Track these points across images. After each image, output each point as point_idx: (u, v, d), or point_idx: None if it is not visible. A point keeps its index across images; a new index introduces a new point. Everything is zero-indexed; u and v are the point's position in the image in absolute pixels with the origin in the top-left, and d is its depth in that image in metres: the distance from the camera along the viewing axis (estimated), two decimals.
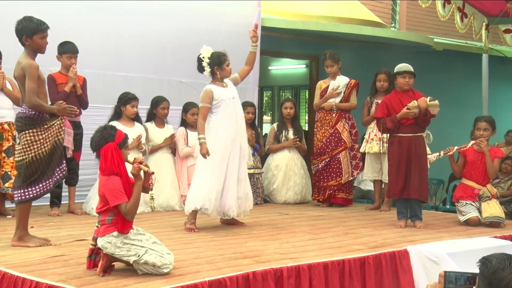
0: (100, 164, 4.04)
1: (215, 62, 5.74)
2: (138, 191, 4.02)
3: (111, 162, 3.99)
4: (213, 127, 5.71)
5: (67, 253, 4.56)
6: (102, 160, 4.01)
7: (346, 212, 7.15)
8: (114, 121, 6.74)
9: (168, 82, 8.20)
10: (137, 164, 4.04)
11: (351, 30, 9.94)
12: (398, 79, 6.24)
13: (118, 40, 7.84)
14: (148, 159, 7.14)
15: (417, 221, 6.15)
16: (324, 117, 7.62)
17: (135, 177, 4.04)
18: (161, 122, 7.37)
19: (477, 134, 6.40)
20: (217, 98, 5.72)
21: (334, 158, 7.54)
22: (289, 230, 5.81)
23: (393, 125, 6.11)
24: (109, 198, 3.95)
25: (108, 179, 3.99)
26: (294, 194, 7.93)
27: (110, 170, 3.99)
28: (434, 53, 11.74)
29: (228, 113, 5.73)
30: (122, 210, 3.95)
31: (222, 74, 5.78)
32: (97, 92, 7.37)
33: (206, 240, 5.25)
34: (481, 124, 6.40)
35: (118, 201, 3.94)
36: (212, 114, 5.73)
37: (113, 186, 3.95)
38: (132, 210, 3.98)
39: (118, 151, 4.03)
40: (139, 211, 6.44)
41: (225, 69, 5.77)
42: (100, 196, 4.05)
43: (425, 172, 6.15)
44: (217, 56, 5.75)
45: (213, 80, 5.82)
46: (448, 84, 12.44)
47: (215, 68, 5.75)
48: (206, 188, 5.63)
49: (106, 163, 3.99)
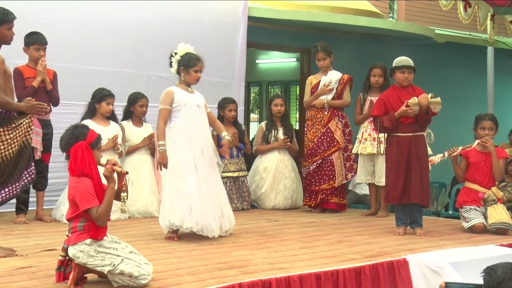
0: (69, 164, 4.02)
1: (184, 63, 5.70)
2: (110, 194, 4.01)
3: (82, 162, 3.97)
4: (172, 135, 5.64)
5: (34, 264, 4.53)
6: (71, 159, 4.00)
7: (340, 219, 7.16)
8: (87, 120, 6.72)
9: (146, 77, 8.18)
10: (109, 165, 4.03)
11: (346, 21, 9.95)
12: (397, 74, 6.25)
13: (91, 30, 7.80)
14: (125, 161, 7.11)
15: (417, 228, 6.16)
16: (315, 115, 7.63)
17: (108, 179, 4.03)
18: (139, 120, 7.35)
19: (482, 134, 6.41)
20: (178, 101, 5.65)
21: (327, 160, 7.55)
22: (278, 238, 5.81)
23: (391, 124, 6.12)
24: (79, 202, 3.93)
25: (78, 181, 3.97)
26: (284, 199, 7.93)
27: (80, 171, 3.97)
28: (435, 46, 11.79)
29: (189, 120, 5.65)
30: (92, 215, 3.94)
31: (186, 78, 5.74)
32: (69, 87, 7.33)
33: (188, 249, 5.23)
34: (486, 123, 6.43)
35: (88, 204, 3.92)
36: (171, 120, 5.67)
37: (83, 188, 3.94)
38: (104, 215, 3.96)
39: (90, 151, 4.02)
40: (114, 218, 6.43)
41: (190, 74, 5.71)
42: (70, 200, 4.03)
43: (426, 175, 6.17)
44: (188, 58, 5.71)
45: (178, 82, 5.82)
46: (451, 79, 12.50)
47: (181, 69, 5.73)
48: (172, 206, 5.57)
49: (76, 163, 3.98)
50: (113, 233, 4.20)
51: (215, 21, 8.70)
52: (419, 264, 4.96)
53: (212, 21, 8.66)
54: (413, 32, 10.76)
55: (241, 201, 7.72)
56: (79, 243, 3.95)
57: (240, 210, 7.63)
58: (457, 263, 4.87)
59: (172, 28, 8.24)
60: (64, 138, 4.06)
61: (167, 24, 8.28)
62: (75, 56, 7.65)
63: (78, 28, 7.70)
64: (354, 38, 11.05)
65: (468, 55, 12.45)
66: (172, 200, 5.60)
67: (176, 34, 8.21)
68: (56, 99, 6.62)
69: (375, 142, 7.27)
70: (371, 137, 7.36)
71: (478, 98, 11.26)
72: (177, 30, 8.26)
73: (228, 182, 7.67)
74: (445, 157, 6.35)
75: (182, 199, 5.56)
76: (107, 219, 4.02)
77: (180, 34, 8.24)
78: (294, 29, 10.29)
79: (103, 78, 7.70)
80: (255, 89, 14.66)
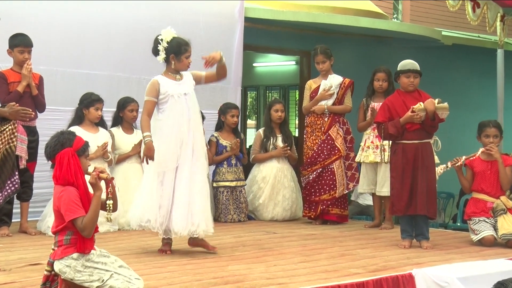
0: (54, 172, 4.01)
1: (173, 49, 5.58)
2: (97, 203, 4.00)
3: (67, 170, 3.96)
4: (158, 128, 5.56)
5: (18, 280, 4.51)
6: (56, 167, 3.99)
7: (342, 231, 7.15)
8: (75, 126, 6.71)
9: (137, 80, 8.17)
10: (96, 172, 4.02)
11: (347, 22, 9.97)
12: (402, 78, 6.25)
13: (80, 32, 7.80)
14: (115, 169, 7.11)
15: (424, 241, 6.16)
16: (315, 121, 7.63)
17: (94, 187, 4.01)
18: (129, 127, 7.35)
19: (486, 142, 6.44)
20: (164, 92, 5.55)
21: (327, 169, 7.55)
22: (277, 252, 5.80)
23: (396, 130, 6.12)
24: (64, 212, 3.92)
25: (63, 190, 3.96)
26: (283, 210, 7.93)
27: (65, 179, 3.96)
28: (442, 48, 11.81)
29: (177, 111, 5.55)
30: (77, 226, 3.92)
31: (177, 66, 5.63)
32: (55, 92, 7.33)
33: (181, 263, 5.22)
34: (491, 130, 6.45)
35: (73, 215, 3.91)
36: (158, 112, 5.59)
37: (68, 198, 3.93)
38: (90, 225, 3.95)
39: (76, 158, 4.01)
40: (103, 230, 6.41)
41: (182, 61, 5.61)
42: (55, 211, 4.01)
43: (433, 185, 6.16)
44: (177, 44, 5.59)
45: (165, 71, 5.68)
46: (458, 83, 12.52)
47: (171, 57, 5.60)
48: (148, 200, 5.51)
49: (60, 171, 3.97)
50: (102, 246, 4.18)
51: (210, 22, 8.70)
52: (425, 279, 4.95)
53: (207, 22, 8.67)
54: (418, 33, 10.78)
55: (238, 212, 7.71)
56: (66, 258, 3.94)
57: (237, 222, 7.63)
58: (466, 278, 4.86)
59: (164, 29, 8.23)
60: (50, 145, 4.05)
61: (159, 25, 8.17)
62: (62, 59, 7.65)
63: (65, 29, 7.70)
64: (356, 40, 11.06)
65: (477, 58, 12.47)
66: (144, 195, 5.56)
67: None
68: (42, 105, 6.61)
69: (378, 150, 7.28)
70: (374, 145, 7.37)
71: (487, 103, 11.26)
72: None
73: (225, 192, 7.67)
74: (448, 168, 6.34)
75: (156, 196, 5.49)
76: (94, 230, 4.01)
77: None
78: (293, 30, 10.30)
79: (92, 82, 7.70)
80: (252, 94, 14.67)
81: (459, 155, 6.46)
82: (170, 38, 5.61)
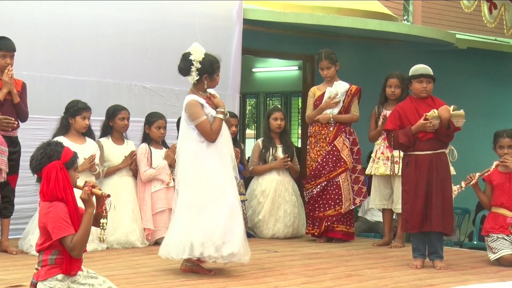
0: (41, 188, 4.01)
1: (207, 69, 5.68)
2: (88, 221, 3.99)
3: (55, 185, 3.96)
4: (204, 152, 5.65)
5: None
6: (43, 182, 3.99)
7: (348, 249, 7.15)
8: (60, 137, 6.70)
9: (128, 87, 8.19)
10: (88, 187, 4.02)
11: (354, 24, 9.99)
12: (414, 84, 6.26)
13: (66, 35, 7.81)
14: (103, 183, 7.09)
15: (437, 260, 6.15)
16: (319, 131, 7.64)
17: (86, 203, 4.01)
18: (119, 137, 7.35)
19: (501, 153, 6.45)
20: (207, 113, 5.68)
21: (332, 182, 7.55)
22: (278, 272, 5.79)
23: (407, 139, 6.11)
24: (51, 230, 3.92)
25: (50, 206, 3.96)
26: (284, 226, 7.92)
27: (53, 195, 3.96)
28: (456, 52, 11.84)
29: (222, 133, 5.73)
30: (67, 245, 3.92)
31: (209, 85, 5.77)
32: (39, 100, 7.33)
33: (175, 284, 5.22)
34: (504, 141, 6.47)
35: (62, 233, 3.91)
36: (196, 135, 5.65)
37: (56, 214, 3.93)
38: (80, 245, 3.95)
39: (65, 172, 4.01)
40: (91, 249, 6.39)
41: (215, 80, 5.77)
42: (41, 228, 4.01)
43: (449, 199, 6.14)
44: (209, 63, 5.69)
45: (195, 89, 5.75)
46: (474, 89, 12.54)
47: (204, 77, 5.69)
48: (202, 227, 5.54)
49: (48, 186, 3.97)
50: (89, 266, 4.18)
51: (206, 24, 8.72)
52: None
53: (202, 24, 8.69)
54: (430, 36, 10.80)
55: None
56: (50, 279, 3.93)
57: None
58: None
59: (157, 32, 8.26)
60: (35, 157, 4.05)
61: (151, 28, 8.31)
62: (47, 64, 7.66)
63: (50, 32, 7.70)
64: (364, 44, 11.09)
65: (494, 62, 12.50)
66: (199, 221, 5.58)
67: (161, 39, 8.25)
68: (24, 113, 6.62)
69: (388, 162, 7.27)
70: (384, 156, 7.36)
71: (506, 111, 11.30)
72: (163, 34, 8.29)
73: None
74: (463, 188, 6.31)
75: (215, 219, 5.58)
76: (83, 250, 4.01)
77: (167, 39, 8.29)
78: (296, 33, 10.33)
79: (79, 88, 7.70)
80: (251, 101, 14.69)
81: (474, 166, 6.48)
82: (201, 57, 5.67)
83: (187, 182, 5.66)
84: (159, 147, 7.45)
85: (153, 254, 6.53)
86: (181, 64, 5.73)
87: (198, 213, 5.57)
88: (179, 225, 5.63)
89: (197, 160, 5.65)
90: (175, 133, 7.75)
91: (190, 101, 5.67)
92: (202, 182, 5.60)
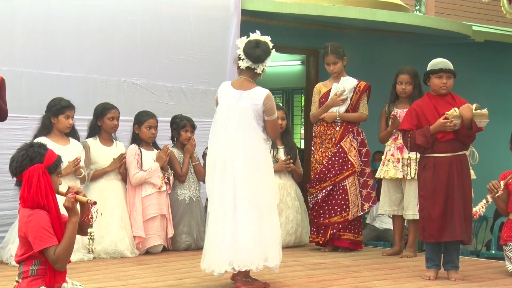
0: (21, 193, 4.01)
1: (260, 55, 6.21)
2: (72, 231, 4.00)
3: (37, 191, 3.96)
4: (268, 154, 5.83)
5: None
6: (24, 187, 3.99)
7: (356, 259, 7.15)
8: (41, 137, 6.70)
9: (116, 83, 8.18)
10: (72, 193, 4.01)
11: (362, 15, 9.99)
12: (433, 79, 6.22)
13: (48, 27, 7.80)
14: (90, 188, 7.10)
15: (453, 271, 6.14)
16: (325, 131, 7.64)
17: (69, 211, 4.01)
18: (108, 137, 7.35)
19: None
20: None
21: (338, 186, 7.55)
22: (279, 284, 5.80)
23: (425, 140, 6.08)
24: (33, 241, 3.92)
25: (31, 214, 3.96)
26: (286, 234, 7.92)
27: (35, 201, 3.96)
28: (472, 46, 11.84)
29: None
30: (49, 257, 3.92)
31: None
32: (20, 97, 7.33)
33: None
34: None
35: (44, 244, 3.91)
36: (263, 133, 5.78)
37: (37, 223, 3.93)
38: (64, 257, 3.95)
39: (47, 176, 4.01)
40: (76, 259, 6.40)
41: None
42: (21, 238, 4.01)
43: (470, 204, 6.11)
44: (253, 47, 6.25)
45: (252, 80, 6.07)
46: (492, 85, 12.53)
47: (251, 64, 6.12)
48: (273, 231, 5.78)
49: (29, 191, 3.97)
50: (74, 278, 4.18)
51: (201, 15, 8.72)
52: None
53: (197, 16, 8.68)
54: (445, 29, 10.80)
55: None
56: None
57: None
58: None
59: (148, 24, 8.25)
60: (16, 159, 4.05)
61: (142, 19, 8.30)
62: (28, 58, 7.65)
63: (31, 24, 7.69)
64: (372, 37, 11.08)
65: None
66: None
67: (153, 32, 8.23)
68: (3, 112, 6.61)
69: (399, 164, 7.26)
70: (395, 158, 7.35)
71: None
72: (154, 27, 8.27)
73: None
74: (489, 202, 6.19)
75: None
76: (67, 262, 4.00)
77: (158, 31, 8.28)
78: (299, 25, 10.32)
79: (63, 85, 7.69)
80: None
81: (491, 169, 6.46)
82: (243, 44, 6.26)
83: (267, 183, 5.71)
84: (150, 149, 7.46)
85: (144, 264, 6.55)
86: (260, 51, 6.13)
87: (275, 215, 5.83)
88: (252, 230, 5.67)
89: (269, 160, 5.84)
90: (168, 133, 7.80)
91: (269, 93, 5.86)
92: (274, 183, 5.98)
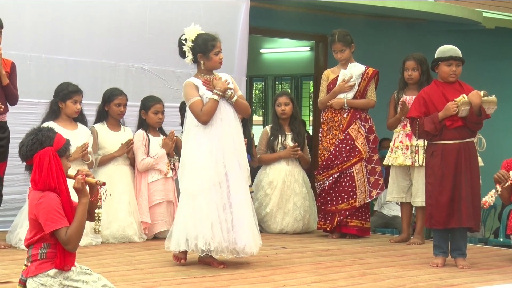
0: (32, 176, 4.03)
1: (200, 48, 5.82)
2: (83, 212, 4.02)
3: (48, 173, 3.98)
4: (199, 137, 5.78)
5: None
6: (35, 170, 4.00)
7: (363, 246, 7.17)
8: (49, 122, 6.69)
9: (125, 69, 8.20)
10: (81, 175, 4.04)
11: (371, 2, 9.98)
12: (442, 66, 6.21)
13: (57, 12, 7.81)
14: (98, 173, 7.12)
15: (460, 258, 6.16)
16: (332, 118, 7.65)
17: (79, 193, 4.04)
18: (115, 123, 7.37)
19: None
20: (202, 95, 5.81)
21: (346, 173, 7.57)
22: (287, 270, 5.82)
23: (434, 127, 6.08)
24: (44, 222, 3.94)
25: (42, 196, 3.98)
26: (294, 220, 7.94)
27: (46, 183, 3.99)
28: (483, 32, 11.81)
29: (218, 117, 5.79)
30: (61, 238, 3.94)
31: (207, 65, 5.87)
32: (29, 82, 7.36)
33: (175, 282, 5.24)
34: None
35: (56, 225, 3.93)
36: (194, 120, 5.79)
37: (48, 205, 3.95)
38: (75, 237, 3.97)
39: (58, 159, 4.03)
40: (84, 243, 6.44)
41: (211, 59, 5.85)
42: (31, 220, 4.04)
43: (478, 191, 6.13)
44: (203, 41, 5.83)
45: (197, 72, 5.93)
46: (502, 73, 12.50)
47: (199, 56, 5.84)
48: (199, 218, 5.67)
49: (41, 174, 3.99)
50: (82, 262, 4.21)
51: (210, 1, 8.72)
52: None
53: (205, 1, 8.69)
54: (455, 15, 10.78)
55: None
56: (41, 275, 3.96)
57: None
58: None
59: (157, 9, 8.25)
60: (26, 143, 4.07)
61: (150, 5, 8.30)
62: (38, 43, 7.67)
63: (41, 9, 7.71)
64: (382, 23, 11.06)
65: None
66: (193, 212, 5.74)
67: (161, 17, 8.24)
68: (14, 96, 6.63)
69: (408, 151, 7.27)
70: (403, 145, 7.36)
71: None
72: (162, 13, 8.28)
73: None
74: (499, 192, 6.18)
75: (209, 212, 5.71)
76: (79, 242, 4.03)
77: (167, 17, 8.28)
78: (308, 11, 10.31)
79: (72, 70, 7.72)
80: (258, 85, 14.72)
81: (502, 156, 6.43)
82: (194, 36, 5.84)
83: (184, 169, 5.84)
84: (157, 134, 7.47)
85: (152, 249, 6.58)
86: (178, 48, 5.94)
87: (192, 203, 5.74)
88: (177, 215, 5.91)
89: (193, 145, 5.80)
90: (177, 119, 7.82)
91: (185, 83, 5.90)
92: (197, 169, 5.74)
